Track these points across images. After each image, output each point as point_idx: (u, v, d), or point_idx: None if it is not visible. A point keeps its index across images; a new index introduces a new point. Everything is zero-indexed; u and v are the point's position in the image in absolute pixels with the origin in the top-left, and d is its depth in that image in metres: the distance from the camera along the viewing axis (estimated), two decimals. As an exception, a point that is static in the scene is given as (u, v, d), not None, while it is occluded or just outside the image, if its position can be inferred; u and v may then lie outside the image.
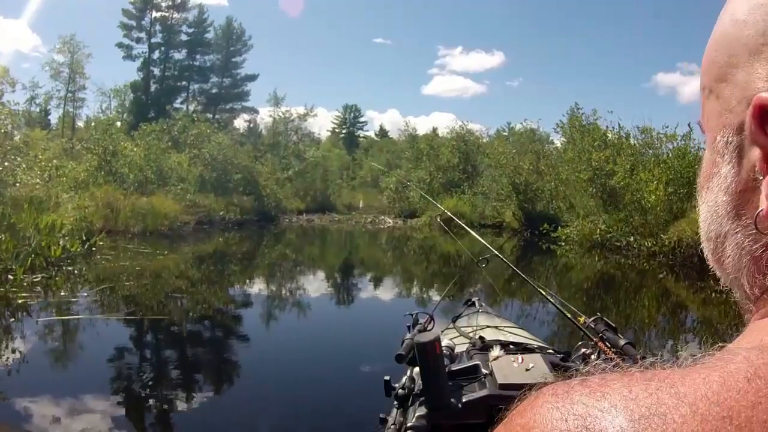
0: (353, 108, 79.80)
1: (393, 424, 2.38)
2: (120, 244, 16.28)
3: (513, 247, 23.03)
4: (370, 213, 38.24)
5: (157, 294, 10.56)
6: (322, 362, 6.78)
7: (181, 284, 11.79)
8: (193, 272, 13.39)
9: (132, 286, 10.87)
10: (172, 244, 18.68)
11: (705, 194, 0.55)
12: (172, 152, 29.53)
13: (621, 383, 0.42)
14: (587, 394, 0.42)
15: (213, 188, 28.43)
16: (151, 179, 25.93)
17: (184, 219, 22.36)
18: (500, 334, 3.21)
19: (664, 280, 14.54)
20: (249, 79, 59.09)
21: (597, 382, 0.43)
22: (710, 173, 0.53)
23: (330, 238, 27.23)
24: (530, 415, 0.43)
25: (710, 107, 0.54)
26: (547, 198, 25.46)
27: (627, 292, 13.13)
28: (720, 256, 0.53)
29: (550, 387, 0.45)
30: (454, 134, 36.56)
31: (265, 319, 9.72)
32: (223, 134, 32.91)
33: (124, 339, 7.74)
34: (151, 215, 20.25)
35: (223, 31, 58.05)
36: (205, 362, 7.14)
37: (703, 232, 0.56)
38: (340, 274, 16.35)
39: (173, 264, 14.02)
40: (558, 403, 0.42)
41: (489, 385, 2.25)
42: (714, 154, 0.53)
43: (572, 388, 0.43)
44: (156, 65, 57.18)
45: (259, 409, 5.29)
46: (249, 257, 18.01)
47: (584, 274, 16.05)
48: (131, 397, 5.55)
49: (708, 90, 0.54)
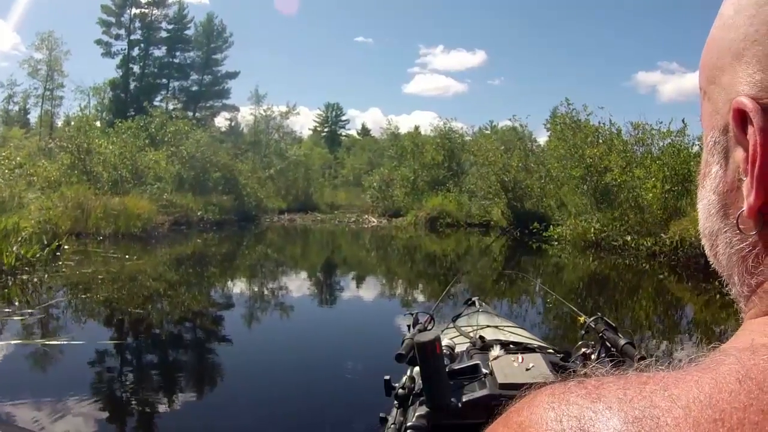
0: (335, 106, 79.10)
1: (393, 424, 2.35)
2: (88, 248, 15.01)
3: (502, 246, 22.28)
4: (353, 212, 37.14)
5: (117, 310, 9.13)
6: (321, 362, 6.65)
7: (150, 296, 10.40)
8: (164, 280, 12.06)
9: (87, 301, 9.51)
10: (146, 246, 17.45)
11: (701, 192, 0.56)
12: (149, 150, 28.12)
13: (616, 386, 0.43)
14: (583, 395, 0.43)
15: (191, 187, 27.02)
16: (127, 178, 24.59)
17: (158, 220, 20.93)
18: (500, 334, 3.18)
19: (665, 281, 13.74)
20: (230, 76, 57.71)
21: (593, 384, 0.44)
22: (705, 172, 0.54)
23: (313, 238, 26.06)
24: (527, 414, 0.44)
25: (704, 108, 0.54)
26: (537, 196, 24.41)
27: (626, 292, 12.40)
28: (715, 253, 0.55)
29: (547, 387, 0.46)
30: (438, 131, 35.47)
31: (255, 323, 9.27)
32: (201, 131, 31.37)
33: (68, 367, 6.27)
34: (124, 216, 18.81)
35: (204, 28, 56.53)
36: (192, 375, 6.37)
37: (701, 230, 0.56)
38: (328, 277, 15.25)
39: (143, 270, 12.62)
40: (554, 403, 0.43)
41: (489, 384, 2.23)
42: (707, 153, 0.54)
43: (569, 389, 0.44)
44: (135, 62, 55.62)
45: (259, 409, 5.18)
46: (229, 260, 16.73)
47: (579, 274, 15.17)
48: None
49: (703, 91, 0.55)
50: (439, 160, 33.75)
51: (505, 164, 25.36)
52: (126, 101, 52.56)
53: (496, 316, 4.02)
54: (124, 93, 54.01)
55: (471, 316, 3.84)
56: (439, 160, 33.76)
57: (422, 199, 31.03)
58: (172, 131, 30.03)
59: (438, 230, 26.84)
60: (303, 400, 5.31)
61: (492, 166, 25.53)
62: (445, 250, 21.08)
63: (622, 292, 12.59)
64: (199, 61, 56.60)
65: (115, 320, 8.53)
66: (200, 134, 30.22)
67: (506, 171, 25.18)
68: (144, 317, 8.66)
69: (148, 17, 54.62)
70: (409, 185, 33.66)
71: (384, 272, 15.97)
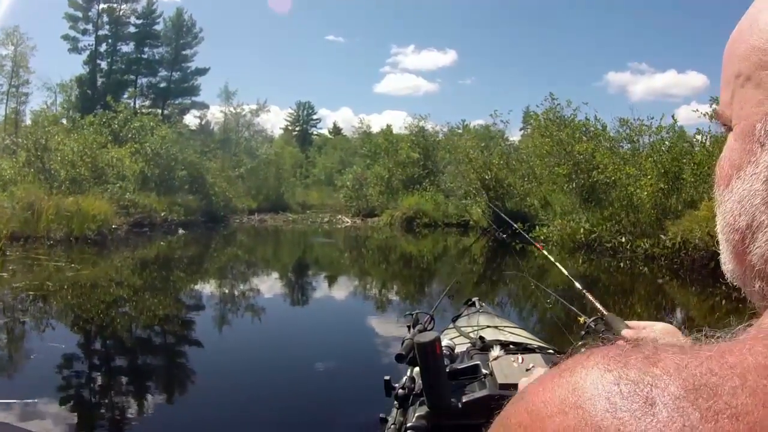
0: (306, 105, 77.80)
1: (393, 424, 2.34)
2: (31, 254, 13.17)
3: (482, 247, 20.94)
4: (326, 212, 35.51)
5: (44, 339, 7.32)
6: (320, 362, 6.47)
7: (92, 320, 8.72)
8: (110, 298, 10.25)
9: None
10: (102, 251, 15.63)
11: (734, 183, 0.51)
12: (111, 147, 26.09)
13: (673, 351, 0.42)
14: (641, 359, 0.41)
15: (156, 186, 25.00)
16: (86, 176, 22.53)
17: (115, 221, 18.92)
18: (500, 334, 3.10)
19: (666, 285, 12.57)
20: (199, 72, 55.28)
21: (650, 348, 0.43)
22: (741, 162, 0.50)
23: (286, 240, 24.37)
24: (582, 374, 0.43)
25: (747, 94, 0.50)
26: (520, 195, 22.91)
27: (624, 297, 11.38)
28: (745, 248, 0.50)
29: (600, 349, 0.45)
30: (413, 128, 33.97)
31: (238, 328, 8.66)
32: (167, 127, 29.25)
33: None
34: (78, 218, 16.87)
35: (173, 23, 54.18)
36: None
37: (727, 223, 0.52)
38: (307, 282, 13.64)
39: (87, 282, 10.74)
40: (610, 365, 0.42)
41: (489, 385, 2.19)
42: (749, 142, 0.49)
43: (625, 352, 0.43)
44: (103, 58, 53.15)
45: (260, 410, 5.09)
46: (195, 265, 14.98)
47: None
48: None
49: (745, 77, 0.50)
50: (414, 157, 32.28)
51: (485, 161, 23.91)
52: (93, 98, 50.10)
53: (496, 316, 3.91)
54: (90, 90, 51.59)
55: (471, 316, 3.77)
56: (414, 158, 32.29)
57: (397, 198, 29.66)
58: (136, 127, 27.94)
59: (415, 231, 25.48)
60: (303, 401, 5.25)
61: (472, 163, 24.00)
62: (427, 252, 19.79)
63: (621, 296, 11.48)
64: (168, 57, 54.28)
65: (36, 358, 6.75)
66: (165, 130, 28.10)
67: (487, 169, 23.70)
68: (81, 353, 6.94)
69: (116, 12, 52.27)
70: (384, 184, 32.19)
71: (370, 276, 14.77)
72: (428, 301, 9.86)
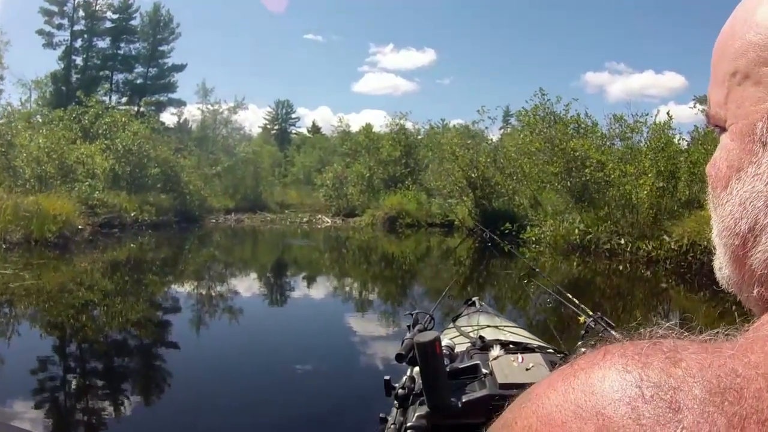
0: (285, 104, 76.06)
1: (393, 424, 2.26)
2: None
3: (469, 248, 19.81)
4: (305, 211, 34.05)
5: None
6: (320, 363, 6.45)
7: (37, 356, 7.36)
8: (59, 311, 8.94)
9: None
10: (63, 255, 14.17)
11: (733, 185, 0.48)
12: (81, 144, 24.43)
13: (693, 350, 0.39)
14: (662, 359, 0.39)
15: (127, 185, 23.45)
16: (52, 174, 20.92)
17: (80, 222, 17.28)
18: (500, 334, 3.02)
19: (672, 290, 11.62)
20: (176, 69, 53.23)
21: (669, 346, 0.40)
22: (740, 163, 0.48)
23: (264, 241, 23.03)
24: (600, 375, 0.40)
25: (745, 93, 0.47)
26: (509, 194, 21.68)
27: (621, 302, 10.61)
28: (746, 252, 0.48)
29: (616, 346, 0.42)
30: (394, 125, 32.64)
31: (224, 333, 8.04)
32: (139, 123, 27.51)
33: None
34: (38, 218, 15.35)
35: (150, 18, 52.24)
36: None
37: (726, 227, 0.49)
38: (295, 289, 12.20)
39: (33, 299, 9.39)
40: (629, 366, 0.39)
41: (489, 384, 2.09)
42: (749, 142, 0.47)
43: (644, 351, 0.40)
44: (78, 54, 51.12)
45: (260, 410, 4.97)
46: (158, 275, 13.60)
47: (568, 281, 12.45)
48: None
49: (742, 75, 0.47)
50: (396, 155, 31.03)
51: (471, 159, 22.70)
52: (67, 95, 48.02)
53: (496, 316, 3.78)
54: (65, 86, 49.58)
55: (471, 316, 3.63)
56: (396, 156, 31.04)
57: (379, 197, 28.38)
58: (107, 123, 26.21)
59: (398, 231, 24.25)
60: (303, 401, 5.15)
61: (459, 161, 22.77)
62: (411, 253, 18.67)
63: (620, 301, 10.67)
64: (145, 53, 52.34)
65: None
66: (138, 126, 26.45)
67: (473, 167, 22.49)
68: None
69: (93, 6, 50.18)
70: (365, 183, 30.94)
71: (369, 278, 13.93)
72: (427, 302, 9.50)
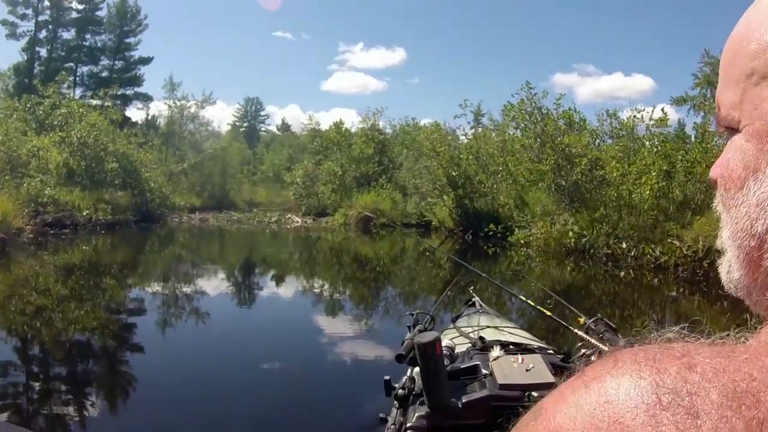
0: (255, 101, 74.11)
1: (393, 424, 2.24)
2: None
3: (449, 250, 17.99)
4: (274, 210, 32.20)
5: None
6: (320, 363, 6.27)
7: None
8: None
9: None
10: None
11: (750, 185, 0.47)
12: (33, 136, 22.20)
13: (706, 354, 0.38)
14: (676, 364, 0.38)
15: (82, 180, 21.23)
16: (0, 169, 18.75)
17: (20, 222, 15.21)
18: (500, 335, 2.98)
19: (685, 300, 10.21)
20: (143, 62, 50.66)
21: (681, 350, 0.39)
22: (757, 164, 0.46)
23: (230, 243, 21.06)
24: (612, 382, 0.38)
25: (762, 93, 0.46)
26: (493, 193, 20.09)
27: (624, 309, 9.48)
28: (762, 254, 0.46)
29: (627, 351, 0.41)
30: (367, 121, 30.83)
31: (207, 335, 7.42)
32: (97, 114, 25.27)
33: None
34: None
35: (117, 9, 49.66)
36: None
37: (741, 228, 0.47)
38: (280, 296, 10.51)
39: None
40: (643, 372, 0.38)
41: (489, 385, 2.07)
42: (766, 143, 0.46)
43: (656, 356, 0.39)
44: (42, 45, 48.44)
45: (260, 410, 4.75)
46: (122, 274, 11.66)
47: (565, 285, 11.35)
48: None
49: (760, 75, 0.46)
50: (369, 153, 29.27)
51: (452, 156, 21.05)
52: (30, 87, 45.33)
53: (496, 316, 3.73)
54: (28, 79, 46.81)
55: (471, 316, 3.62)
56: (369, 153, 29.29)
57: (351, 196, 26.59)
58: (62, 113, 23.86)
59: (372, 232, 22.55)
60: (303, 401, 4.96)
61: (440, 157, 21.09)
62: (389, 256, 17.08)
63: (623, 308, 9.59)
64: (111, 45, 49.79)
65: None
66: (96, 117, 24.22)
67: (455, 164, 20.84)
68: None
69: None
70: (337, 181, 29.12)
71: (367, 279, 12.93)
72: (425, 303, 9.24)
